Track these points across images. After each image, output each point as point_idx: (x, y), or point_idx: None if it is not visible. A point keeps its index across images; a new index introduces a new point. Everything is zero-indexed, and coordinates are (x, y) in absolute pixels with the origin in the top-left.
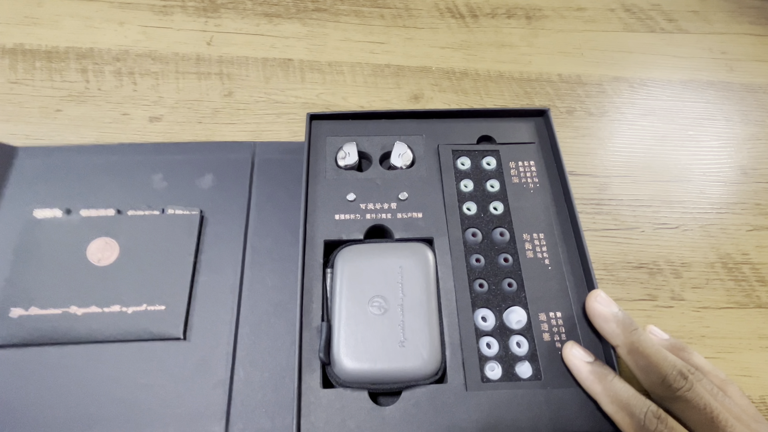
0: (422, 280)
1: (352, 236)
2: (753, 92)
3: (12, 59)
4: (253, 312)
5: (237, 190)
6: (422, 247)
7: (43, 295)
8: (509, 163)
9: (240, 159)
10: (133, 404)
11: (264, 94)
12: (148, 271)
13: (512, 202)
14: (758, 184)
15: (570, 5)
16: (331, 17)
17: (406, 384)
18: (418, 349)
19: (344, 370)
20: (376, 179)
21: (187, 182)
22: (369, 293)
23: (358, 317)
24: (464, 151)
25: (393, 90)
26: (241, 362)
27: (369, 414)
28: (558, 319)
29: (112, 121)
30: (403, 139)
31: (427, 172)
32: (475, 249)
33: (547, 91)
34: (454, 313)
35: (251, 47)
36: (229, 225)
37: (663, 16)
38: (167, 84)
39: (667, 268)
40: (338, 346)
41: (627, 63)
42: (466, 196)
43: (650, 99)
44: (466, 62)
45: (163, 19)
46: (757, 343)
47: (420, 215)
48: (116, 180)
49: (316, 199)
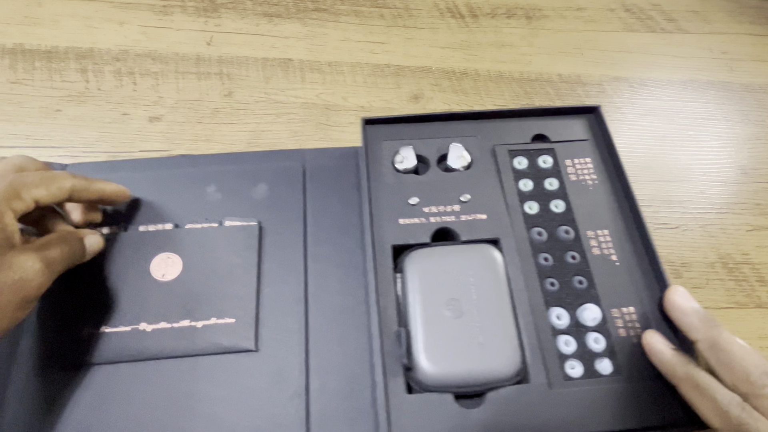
0: (494, 281)
1: (419, 240)
2: (753, 92)
3: (12, 59)
4: (321, 320)
5: (291, 199)
6: (490, 248)
7: (112, 313)
8: (565, 161)
9: (290, 167)
10: (211, 419)
11: (264, 94)
12: (212, 284)
13: (573, 200)
14: (758, 184)
15: (570, 5)
16: (331, 17)
17: (489, 386)
18: (498, 350)
19: (428, 374)
20: (436, 182)
21: (241, 193)
22: (443, 296)
23: (435, 321)
24: (520, 151)
25: (393, 90)
26: (314, 371)
27: (457, 417)
28: (631, 314)
29: (112, 121)
30: (457, 140)
31: (485, 173)
32: (542, 248)
33: (547, 91)
34: (528, 313)
35: (251, 47)
36: (287, 234)
37: (663, 16)
38: (167, 84)
39: (667, 267)
40: (419, 350)
41: (627, 63)
42: (526, 195)
43: (650, 99)
44: (466, 62)
45: (163, 19)
46: (757, 342)
47: (484, 216)
48: (170, 193)
49: (378, 205)
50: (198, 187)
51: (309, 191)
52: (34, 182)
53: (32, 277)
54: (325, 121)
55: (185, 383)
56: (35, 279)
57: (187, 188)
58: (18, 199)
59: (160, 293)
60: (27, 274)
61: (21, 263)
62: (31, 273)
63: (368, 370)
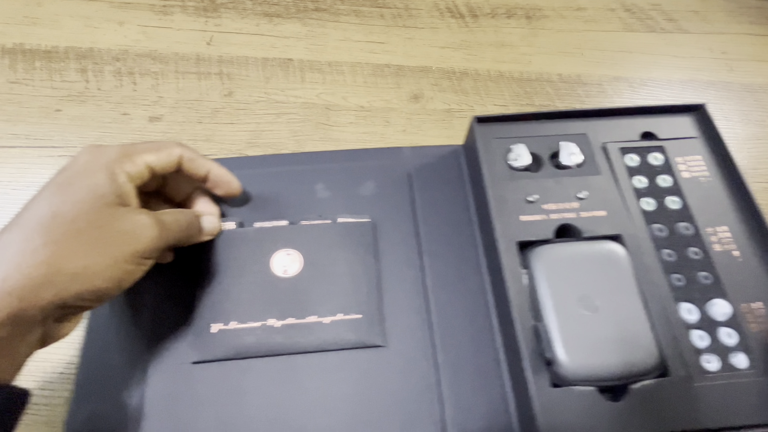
0: (624, 277)
1: (542, 236)
2: (753, 92)
3: (12, 59)
4: (442, 315)
5: (399, 197)
6: (615, 245)
7: (240, 308)
8: (676, 158)
9: (395, 165)
10: (345, 414)
11: (264, 93)
12: (333, 280)
13: (688, 197)
14: (758, 184)
15: (570, 5)
16: (331, 17)
17: (631, 379)
18: (636, 344)
19: (570, 368)
20: (551, 179)
21: (349, 190)
22: (575, 292)
23: (570, 316)
24: (631, 148)
25: (393, 90)
26: (444, 365)
27: (602, 410)
28: (761, 309)
29: (112, 121)
30: (567, 137)
31: (598, 170)
32: (664, 244)
33: (547, 91)
34: (659, 308)
35: (251, 47)
36: (400, 231)
37: (663, 16)
38: (167, 84)
39: None
40: (559, 345)
41: (627, 63)
42: (641, 192)
43: (650, 99)
44: (466, 62)
45: (163, 19)
46: None
47: (603, 213)
48: (280, 191)
49: (498, 202)
50: (306, 185)
51: (416, 188)
52: (145, 148)
53: (143, 232)
54: (325, 120)
55: (315, 379)
56: (146, 234)
57: (296, 186)
58: (130, 162)
59: (283, 289)
60: (138, 228)
61: (133, 217)
62: (141, 227)
63: (495, 363)
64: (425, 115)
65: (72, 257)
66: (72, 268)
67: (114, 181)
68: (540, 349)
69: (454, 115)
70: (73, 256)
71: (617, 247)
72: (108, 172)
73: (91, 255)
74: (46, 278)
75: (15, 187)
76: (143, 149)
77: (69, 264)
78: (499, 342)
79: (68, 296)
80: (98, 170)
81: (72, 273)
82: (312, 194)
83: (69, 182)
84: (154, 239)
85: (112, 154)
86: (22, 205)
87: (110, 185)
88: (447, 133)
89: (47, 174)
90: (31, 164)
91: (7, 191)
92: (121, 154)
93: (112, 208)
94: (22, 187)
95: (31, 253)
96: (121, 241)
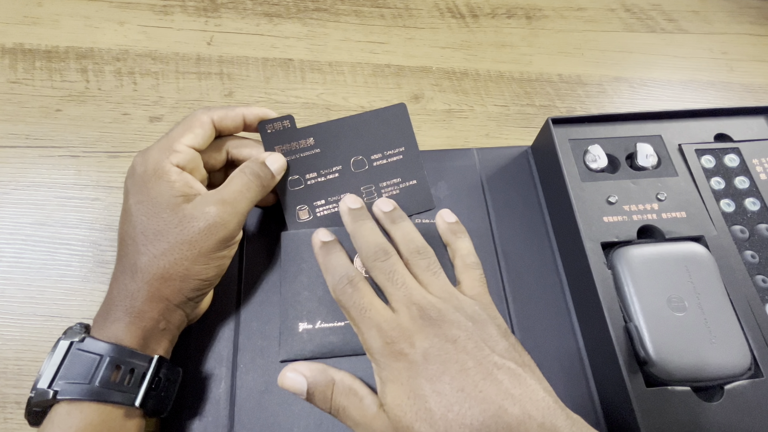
0: (711, 279)
1: (625, 237)
2: (753, 92)
3: (12, 59)
4: (523, 314)
5: (473, 197)
6: (699, 246)
7: (326, 308)
8: (752, 160)
9: (466, 166)
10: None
11: (264, 94)
12: None
13: (767, 198)
14: None
15: (570, 5)
16: (331, 17)
17: (724, 379)
18: (728, 344)
19: (666, 368)
20: (629, 180)
21: None
22: (663, 293)
23: (660, 316)
24: (706, 150)
25: (393, 90)
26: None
27: (699, 410)
28: None
29: (112, 121)
30: (641, 139)
31: (675, 171)
32: (746, 245)
33: (548, 91)
34: (746, 309)
35: (251, 47)
36: (475, 231)
37: (663, 16)
38: (167, 84)
39: None
40: (653, 345)
41: (627, 63)
42: (720, 193)
43: (650, 99)
44: (466, 62)
45: (163, 19)
46: None
47: (684, 214)
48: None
49: (578, 203)
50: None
51: (487, 189)
52: (179, 132)
53: (217, 220)
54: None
55: None
56: (221, 220)
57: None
58: (173, 152)
59: None
60: (212, 219)
61: (201, 212)
62: (214, 217)
63: (579, 363)
64: (425, 115)
65: (175, 266)
66: (180, 274)
67: (168, 182)
68: (633, 350)
69: (454, 115)
70: (175, 266)
71: (701, 249)
72: (158, 177)
73: (188, 259)
74: (167, 287)
75: (15, 187)
76: (178, 134)
77: (175, 272)
78: (581, 342)
79: (187, 292)
80: (152, 179)
81: (181, 277)
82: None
83: (139, 201)
84: (226, 224)
85: (155, 154)
86: (22, 204)
87: (168, 190)
88: (447, 133)
89: (47, 174)
90: (31, 164)
91: (7, 191)
92: (162, 149)
93: (180, 211)
94: (22, 187)
95: (148, 273)
96: (201, 239)
